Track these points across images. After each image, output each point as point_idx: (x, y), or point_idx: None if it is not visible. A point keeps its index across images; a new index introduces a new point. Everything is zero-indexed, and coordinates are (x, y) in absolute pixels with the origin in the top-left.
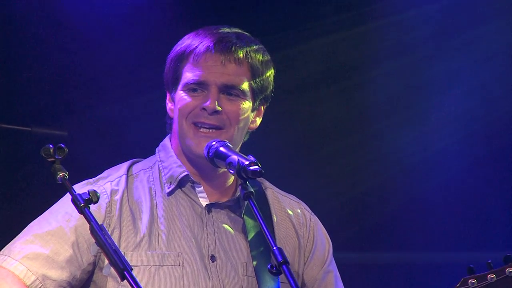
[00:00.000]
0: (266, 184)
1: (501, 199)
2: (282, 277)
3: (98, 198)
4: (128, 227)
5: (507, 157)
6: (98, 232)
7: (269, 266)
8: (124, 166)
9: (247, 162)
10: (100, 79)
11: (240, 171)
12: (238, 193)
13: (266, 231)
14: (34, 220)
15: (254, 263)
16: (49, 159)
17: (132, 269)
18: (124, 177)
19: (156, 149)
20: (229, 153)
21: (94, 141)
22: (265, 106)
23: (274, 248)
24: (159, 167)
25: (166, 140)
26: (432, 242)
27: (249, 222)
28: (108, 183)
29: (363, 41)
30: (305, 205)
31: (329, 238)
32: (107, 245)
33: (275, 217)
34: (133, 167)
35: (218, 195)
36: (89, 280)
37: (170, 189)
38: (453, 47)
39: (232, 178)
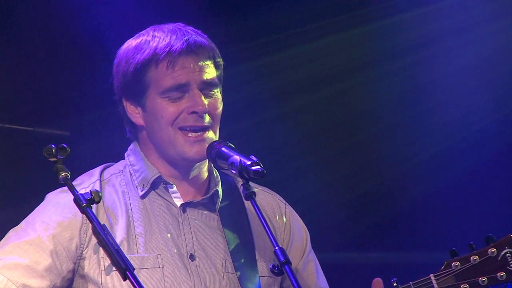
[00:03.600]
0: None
1: (502, 198)
2: (261, 271)
3: (100, 198)
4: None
5: (508, 157)
6: (100, 232)
7: (271, 266)
8: (96, 172)
9: (249, 162)
10: (103, 79)
11: (242, 171)
12: (212, 191)
13: (268, 230)
14: (11, 230)
15: (234, 259)
16: (51, 159)
17: (134, 269)
18: (98, 182)
19: (125, 154)
20: (231, 153)
21: (96, 141)
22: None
23: (276, 248)
24: (129, 171)
25: (134, 144)
26: (432, 242)
27: (225, 218)
28: (82, 190)
29: (365, 41)
30: (279, 196)
31: (305, 228)
32: (109, 245)
33: (249, 210)
34: (104, 172)
35: (192, 194)
36: (69, 287)
37: (143, 191)
38: (456, 46)
39: (205, 176)
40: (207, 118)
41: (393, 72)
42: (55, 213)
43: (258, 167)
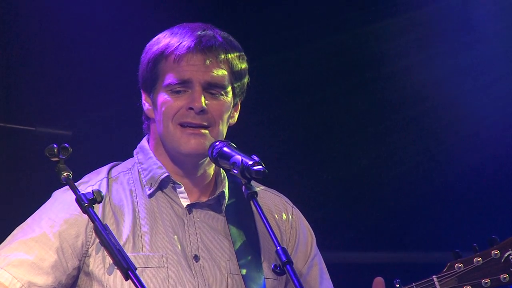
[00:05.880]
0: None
1: (506, 199)
2: (266, 272)
3: (102, 197)
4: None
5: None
6: (102, 231)
7: (273, 266)
8: (104, 170)
9: (251, 162)
10: (104, 79)
11: (244, 171)
12: (218, 192)
13: (270, 230)
14: (17, 227)
15: (239, 260)
16: (53, 159)
17: (136, 269)
18: (105, 180)
19: (134, 152)
20: (233, 153)
21: (98, 140)
22: (241, 100)
23: (278, 248)
24: (138, 169)
25: (144, 142)
26: (434, 243)
27: (231, 219)
28: (89, 187)
29: (367, 40)
30: (286, 199)
31: (311, 231)
32: (111, 245)
33: (256, 212)
34: (112, 170)
35: (198, 194)
36: (74, 285)
37: (151, 191)
38: (463, 44)
39: (211, 176)
40: (205, 117)
41: (395, 72)
42: (62, 210)
43: (260, 166)
